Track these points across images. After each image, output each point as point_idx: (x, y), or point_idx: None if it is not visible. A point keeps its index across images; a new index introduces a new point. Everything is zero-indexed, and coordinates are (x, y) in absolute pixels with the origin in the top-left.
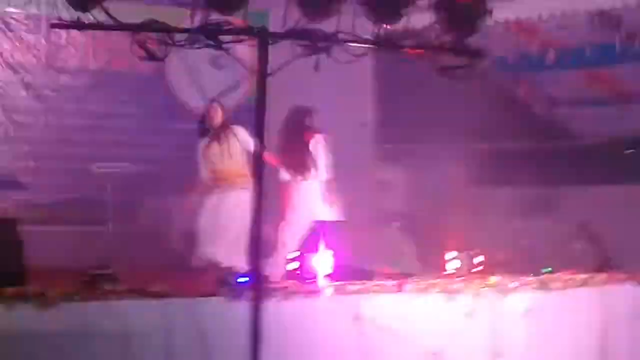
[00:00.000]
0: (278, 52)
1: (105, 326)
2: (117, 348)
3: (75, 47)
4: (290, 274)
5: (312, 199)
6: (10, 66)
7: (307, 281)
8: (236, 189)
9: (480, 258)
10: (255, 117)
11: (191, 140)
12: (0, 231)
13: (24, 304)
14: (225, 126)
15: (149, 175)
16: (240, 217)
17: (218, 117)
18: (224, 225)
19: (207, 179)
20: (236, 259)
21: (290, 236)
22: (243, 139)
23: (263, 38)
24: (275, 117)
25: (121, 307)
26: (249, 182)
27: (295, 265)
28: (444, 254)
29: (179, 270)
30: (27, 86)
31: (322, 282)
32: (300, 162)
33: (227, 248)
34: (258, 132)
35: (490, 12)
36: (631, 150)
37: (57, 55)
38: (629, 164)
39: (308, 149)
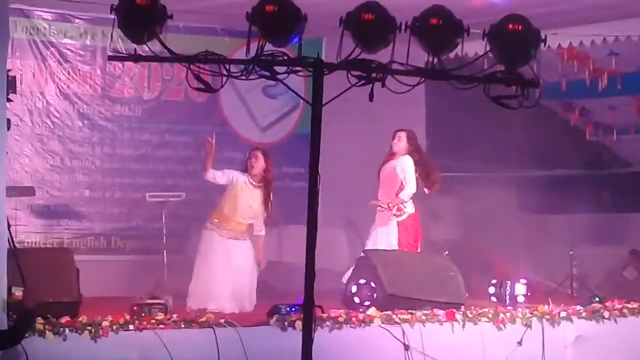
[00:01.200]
0: (332, 81)
1: (156, 356)
2: None
3: (130, 78)
4: (345, 301)
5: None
6: (66, 96)
7: (359, 309)
8: (235, 237)
9: (530, 287)
10: (310, 146)
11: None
12: (56, 260)
13: (77, 334)
14: (264, 178)
15: (202, 204)
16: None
17: (259, 165)
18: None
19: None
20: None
21: None
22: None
23: (317, 68)
24: (326, 146)
25: (172, 336)
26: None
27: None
28: (493, 283)
29: None
30: (82, 116)
31: (372, 311)
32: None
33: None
34: (313, 161)
35: (544, 40)
36: None
37: (112, 85)
38: None
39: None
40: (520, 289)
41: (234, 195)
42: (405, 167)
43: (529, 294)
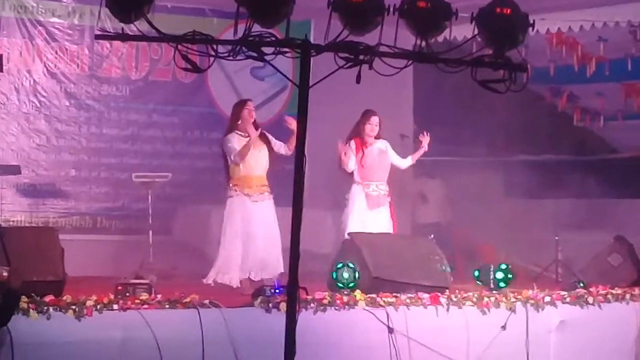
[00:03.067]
0: (319, 63)
1: (140, 335)
2: (152, 358)
3: (118, 57)
4: (329, 283)
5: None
6: (53, 75)
7: (343, 292)
8: (263, 198)
9: (515, 271)
10: (297, 127)
11: None
12: (41, 239)
13: (62, 312)
14: (261, 131)
15: (189, 184)
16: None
17: (253, 119)
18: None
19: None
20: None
21: None
22: (277, 146)
23: (305, 50)
24: (313, 127)
25: (156, 316)
26: (269, 192)
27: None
28: (478, 267)
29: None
30: (69, 95)
31: (357, 293)
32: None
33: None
34: (300, 143)
35: (532, 24)
36: None
37: (99, 65)
38: None
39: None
40: (505, 273)
41: (244, 154)
42: (390, 147)
43: (513, 278)
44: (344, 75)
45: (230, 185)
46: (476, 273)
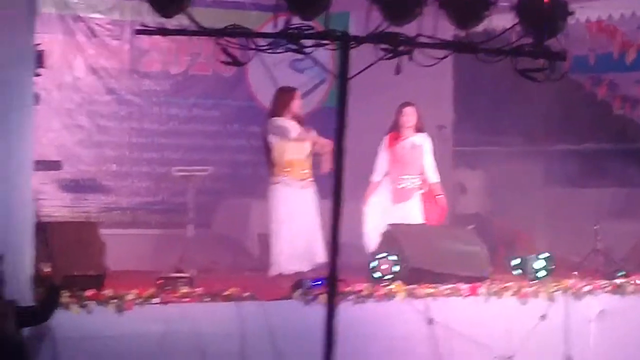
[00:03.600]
0: (359, 55)
1: (181, 329)
2: (192, 350)
3: (158, 52)
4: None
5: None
6: (94, 71)
7: (381, 284)
8: (305, 185)
9: (555, 261)
10: (336, 120)
11: None
12: (82, 234)
13: (102, 306)
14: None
15: (229, 178)
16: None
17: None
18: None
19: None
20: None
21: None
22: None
23: (344, 42)
24: (353, 120)
25: (197, 310)
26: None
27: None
28: (517, 257)
29: (255, 274)
30: (110, 91)
31: (396, 285)
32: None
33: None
34: (339, 136)
35: (572, 13)
36: None
37: (140, 60)
38: None
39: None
40: (545, 263)
41: (302, 136)
42: (429, 145)
43: (553, 268)
44: (383, 67)
45: (276, 170)
46: (515, 263)
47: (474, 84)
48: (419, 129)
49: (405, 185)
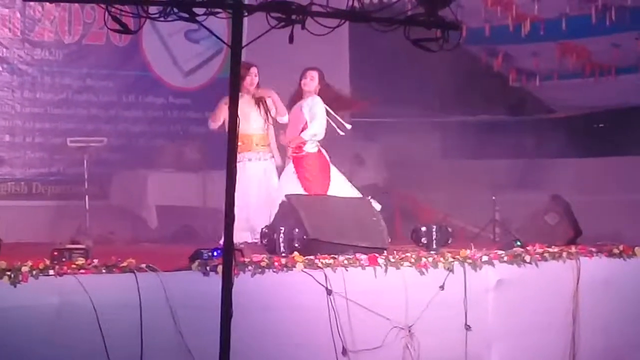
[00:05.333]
0: (253, 24)
1: (77, 300)
2: (89, 322)
3: (50, 21)
4: (267, 246)
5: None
6: None
7: (280, 255)
8: (258, 158)
9: (452, 231)
10: (229, 89)
11: (166, 114)
12: None
13: None
14: (261, 91)
15: (125, 149)
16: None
17: (255, 80)
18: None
19: None
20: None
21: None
22: (279, 106)
23: (236, 10)
24: None
25: (93, 281)
26: (269, 152)
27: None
28: (416, 228)
29: (153, 245)
30: (2, 60)
31: (295, 255)
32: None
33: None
34: (233, 106)
35: None
36: (601, 125)
37: (32, 29)
38: (601, 137)
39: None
40: (443, 233)
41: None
42: (314, 108)
43: (450, 239)
44: (280, 36)
45: None
46: (414, 234)
47: (371, 56)
48: (319, 93)
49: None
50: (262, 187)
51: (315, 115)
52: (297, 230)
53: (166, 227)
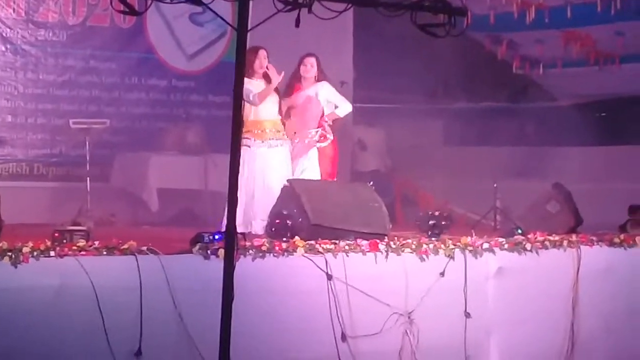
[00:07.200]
0: (258, 8)
1: (77, 282)
2: (89, 303)
3: (55, 2)
4: (268, 230)
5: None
6: None
7: (281, 239)
8: (276, 145)
9: (454, 218)
10: (235, 72)
11: (169, 97)
12: None
13: None
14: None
15: (127, 131)
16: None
17: (264, 63)
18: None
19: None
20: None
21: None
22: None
23: None
24: None
25: (94, 263)
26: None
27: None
28: (417, 215)
29: (154, 228)
30: (5, 40)
31: (296, 240)
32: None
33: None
34: (237, 88)
35: None
36: (604, 114)
37: (36, 9)
38: (604, 125)
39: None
40: (444, 220)
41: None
42: (328, 91)
43: (452, 226)
44: (284, 20)
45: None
46: (415, 220)
47: (376, 41)
48: (319, 81)
49: (301, 139)
50: (281, 175)
51: (336, 97)
52: (297, 213)
53: (167, 210)
